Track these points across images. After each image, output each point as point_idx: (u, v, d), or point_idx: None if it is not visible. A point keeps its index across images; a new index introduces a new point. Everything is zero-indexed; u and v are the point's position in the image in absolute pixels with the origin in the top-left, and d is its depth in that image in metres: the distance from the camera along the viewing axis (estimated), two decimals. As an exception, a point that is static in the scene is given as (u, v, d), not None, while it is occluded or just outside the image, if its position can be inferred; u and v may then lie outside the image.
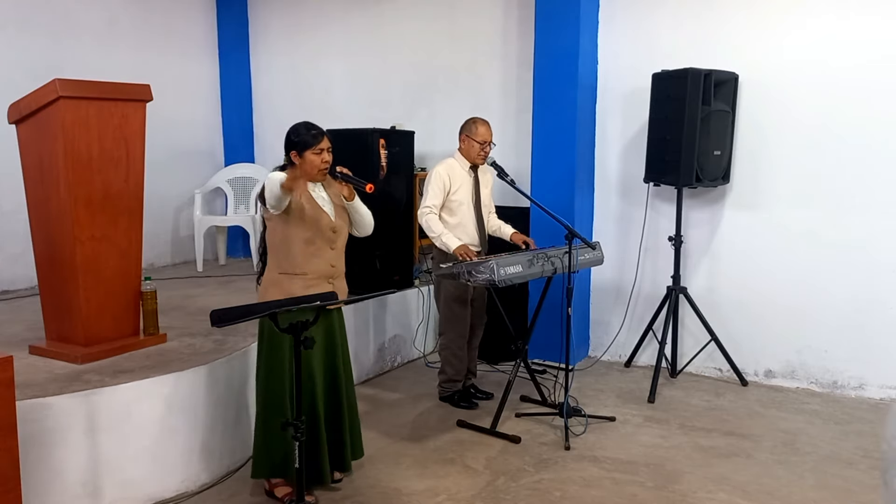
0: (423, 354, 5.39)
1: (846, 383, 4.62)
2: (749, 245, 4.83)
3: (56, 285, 3.49)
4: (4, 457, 2.37)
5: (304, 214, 3.07)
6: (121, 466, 3.09)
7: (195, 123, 6.75)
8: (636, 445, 3.84)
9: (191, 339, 3.81)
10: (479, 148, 4.17)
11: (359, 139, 4.93)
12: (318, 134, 3.07)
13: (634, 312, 5.19)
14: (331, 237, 3.15)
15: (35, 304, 3.93)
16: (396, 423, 4.13)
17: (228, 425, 3.46)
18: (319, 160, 3.07)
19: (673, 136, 4.50)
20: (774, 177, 4.72)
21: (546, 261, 3.91)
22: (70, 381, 3.14)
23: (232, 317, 2.54)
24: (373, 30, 6.20)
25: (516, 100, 5.56)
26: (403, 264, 5.29)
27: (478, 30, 5.69)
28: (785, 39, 4.61)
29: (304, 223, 3.08)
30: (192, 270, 6.14)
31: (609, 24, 5.13)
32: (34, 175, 3.47)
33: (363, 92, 6.30)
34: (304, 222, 3.07)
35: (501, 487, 3.37)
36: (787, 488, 3.37)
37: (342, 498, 3.25)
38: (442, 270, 3.98)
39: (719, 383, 4.84)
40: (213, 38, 6.91)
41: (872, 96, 4.40)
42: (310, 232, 3.09)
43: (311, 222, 3.08)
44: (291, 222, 3.07)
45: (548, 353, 4.96)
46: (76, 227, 3.33)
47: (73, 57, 5.56)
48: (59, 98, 3.23)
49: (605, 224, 5.30)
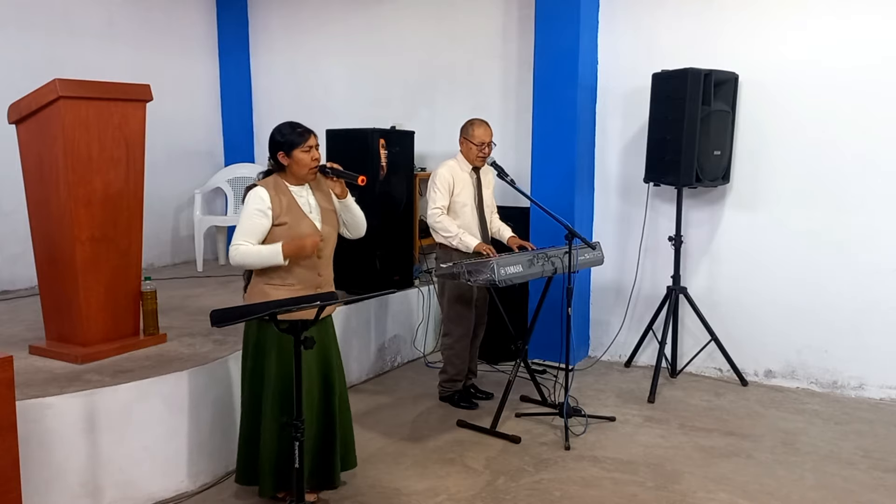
0: (424, 354, 5.39)
1: (846, 383, 4.62)
2: (749, 245, 4.83)
3: (56, 285, 3.49)
4: (4, 457, 2.37)
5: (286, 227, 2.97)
6: (121, 466, 3.09)
7: (195, 123, 6.75)
8: (636, 445, 3.84)
9: (191, 339, 3.81)
10: (478, 150, 4.16)
11: (359, 139, 4.93)
12: (304, 132, 3.01)
13: (634, 312, 5.19)
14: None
15: (35, 304, 3.93)
16: (396, 423, 4.13)
17: (228, 425, 3.46)
18: (309, 158, 2.99)
19: (673, 136, 4.50)
20: (774, 177, 4.72)
21: (546, 261, 3.91)
22: (70, 381, 3.14)
23: (232, 317, 2.54)
24: (373, 30, 6.20)
25: (516, 100, 5.56)
26: (403, 264, 5.28)
27: (478, 30, 5.69)
28: (785, 39, 4.61)
29: (288, 235, 2.97)
30: (192, 270, 6.14)
31: (609, 24, 5.13)
32: (34, 175, 3.47)
33: (363, 92, 6.29)
34: (286, 235, 2.97)
35: (501, 487, 3.37)
36: (787, 488, 3.37)
37: (342, 498, 3.25)
38: (442, 270, 3.98)
39: (719, 383, 4.84)
40: (213, 38, 6.91)
41: (872, 96, 4.40)
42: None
43: (293, 234, 2.97)
44: (274, 233, 2.98)
45: (548, 353, 4.96)
46: (76, 227, 3.33)
47: (72, 57, 5.56)
48: (59, 98, 3.22)
49: (605, 224, 5.30)
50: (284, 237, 2.97)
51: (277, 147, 3.02)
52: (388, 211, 5.04)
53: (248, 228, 2.96)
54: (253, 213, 2.96)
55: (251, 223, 2.96)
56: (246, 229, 2.96)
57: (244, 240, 2.95)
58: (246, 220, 2.97)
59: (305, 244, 2.96)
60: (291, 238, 2.97)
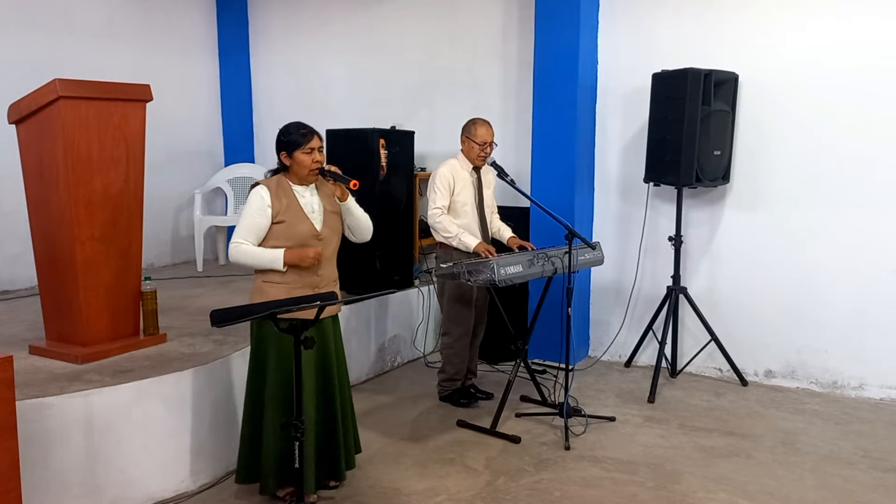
0: (423, 354, 5.39)
1: (846, 383, 4.62)
2: (749, 245, 4.83)
3: (56, 285, 3.49)
4: (4, 457, 2.36)
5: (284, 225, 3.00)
6: (121, 466, 3.09)
7: (195, 123, 6.75)
8: (636, 445, 3.84)
9: (191, 339, 3.81)
10: (479, 149, 4.16)
11: (359, 139, 4.93)
12: (307, 133, 3.03)
13: (634, 312, 5.19)
14: (315, 245, 3.06)
15: (35, 304, 3.93)
16: (396, 423, 4.13)
17: (228, 425, 3.46)
18: (310, 160, 3.02)
19: (673, 136, 4.50)
20: (774, 177, 4.72)
21: (546, 261, 3.91)
22: (70, 381, 3.14)
23: (232, 317, 2.54)
24: (373, 30, 6.20)
25: (516, 100, 5.56)
26: (403, 264, 5.28)
27: (478, 30, 5.69)
28: (785, 39, 4.61)
29: (286, 234, 3.00)
30: (192, 270, 6.14)
31: (609, 24, 5.13)
32: (34, 175, 3.47)
33: (363, 92, 6.30)
34: (284, 233, 3.00)
35: (501, 487, 3.37)
36: (787, 488, 3.37)
37: (342, 498, 3.25)
38: (442, 270, 3.98)
39: (719, 383, 4.84)
40: (213, 38, 6.91)
41: (872, 96, 4.40)
42: (291, 242, 3.02)
43: (292, 232, 3.01)
44: (272, 231, 3.02)
45: (548, 353, 4.96)
46: (76, 227, 3.33)
47: (73, 57, 5.56)
48: (59, 98, 3.23)
49: (605, 224, 5.30)
50: (282, 235, 3.00)
51: (281, 147, 3.07)
52: (388, 211, 5.04)
53: (247, 226, 3.01)
54: (253, 211, 3.01)
55: (251, 221, 3.01)
56: (246, 227, 3.01)
57: (244, 238, 3.00)
58: (246, 217, 3.02)
59: (306, 256, 2.99)
60: (290, 237, 3.00)
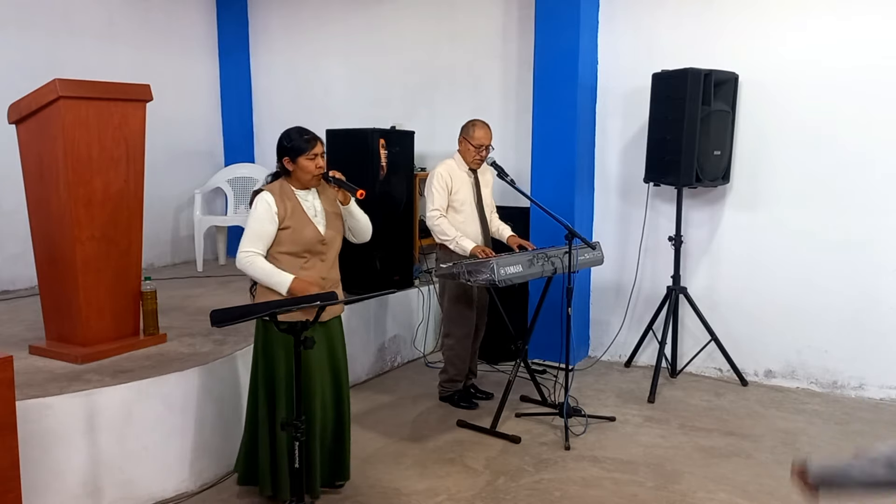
0: (423, 354, 5.39)
1: (846, 383, 4.62)
2: (749, 245, 4.83)
3: (56, 285, 3.49)
4: (4, 457, 2.37)
5: (290, 231, 3.01)
6: (121, 466, 3.09)
7: (195, 123, 6.75)
8: (636, 445, 3.84)
9: (191, 339, 3.81)
10: (475, 152, 4.16)
11: (359, 139, 4.93)
12: (310, 139, 3.03)
13: (634, 312, 5.19)
14: (320, 249, 3.07)
15: (35, 304, 3.93)
16: (396, 423, 4.13)
17: (228, 425, 3.46)
18: (313, 166, 3.02)
19: (673, 136, 4.50)
20: (774, 177, 4.72)
21: (546, 261, 3.91)
22: (70, 381, 3.14)
23: (232, 317, 2.54)
24: (373, 30, 6.20)
25: (516, 100, 5.56)
26: (403, 264, 5.28)
27: (478, 30, 5.69)
28: (785, 40, 4.61)
29: (291, 239, 3.01)
30: (192, 270, 6.14)
31: (609, 24, 5.13)
32: (34, 175, 3.47)
33: (363, 92, 6.29)
34: (290, 238, 3.01)
35: (501, 487, 3.37)
36: (787, 488, 3.36)
37: (342, 498, 3.25)
38: (442, 270, 3.98)
39: (719, 383, 4.84)
40: (213, 38, 6.91)
41: (872, 97, 4.40)
42: (297, 247, 3.02)
43: (297, 237, 3.02)
44: (279, 237, 3.02)
45: (548, 353, 4.96)
46: (76, 227, 3.33)
47: (72, 57, 5.56)
48: (59, 98, 3.22)
49: (605, 224, 5.30)
50: (288, 241, 3.01)
51: (284, 152, 3.06)
52: (388, 211, 5.04)
53: (256, 233, 3.00)
54: (260, 218, 2.99)
55: (259, 228, 2.99)
56: (254, 234, 3.00)
57: (252, 247, 2.99)
58: (254, 224, 3.00)
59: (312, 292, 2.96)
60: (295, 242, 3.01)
